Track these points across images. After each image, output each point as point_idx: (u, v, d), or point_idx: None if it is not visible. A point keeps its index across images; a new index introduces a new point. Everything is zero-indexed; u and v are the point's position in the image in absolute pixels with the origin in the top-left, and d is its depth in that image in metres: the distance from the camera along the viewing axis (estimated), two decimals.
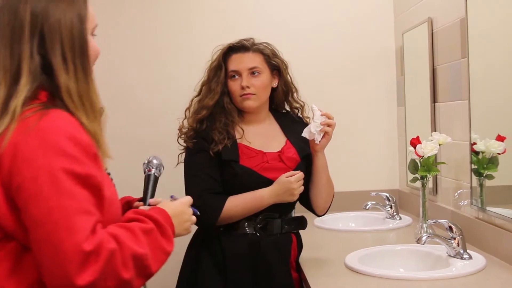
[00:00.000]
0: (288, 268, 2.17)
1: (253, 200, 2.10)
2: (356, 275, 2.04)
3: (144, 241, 1.33)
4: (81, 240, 1.21)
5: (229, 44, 2.25)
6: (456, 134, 2.50)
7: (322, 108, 2.16)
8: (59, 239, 1.20)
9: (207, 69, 2.26)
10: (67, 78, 1.33)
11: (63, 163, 1.24)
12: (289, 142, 2.24)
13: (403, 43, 3.21)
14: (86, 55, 1.38)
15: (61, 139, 1.25)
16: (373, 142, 3.40)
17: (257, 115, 2.26)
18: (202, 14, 3.34)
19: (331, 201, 2.29)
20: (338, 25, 3.38)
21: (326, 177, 2.23)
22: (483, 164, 2.29)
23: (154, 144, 3.04)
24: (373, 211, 3.02)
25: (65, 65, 1.33)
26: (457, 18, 2.47)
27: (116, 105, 3.25)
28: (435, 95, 2.79)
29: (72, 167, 1.25)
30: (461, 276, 1.95)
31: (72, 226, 1.21)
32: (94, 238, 1.23)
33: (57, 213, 1.21)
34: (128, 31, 3.31)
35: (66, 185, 1.23)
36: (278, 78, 2.28)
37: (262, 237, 2.14)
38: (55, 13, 1.34)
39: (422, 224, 2.51)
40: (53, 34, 1.33)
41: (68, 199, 1.23)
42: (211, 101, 2.19)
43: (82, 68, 1.36)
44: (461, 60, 2.44)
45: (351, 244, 2.45)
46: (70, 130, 1.28)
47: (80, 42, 1.36)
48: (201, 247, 2.18)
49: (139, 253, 1.30)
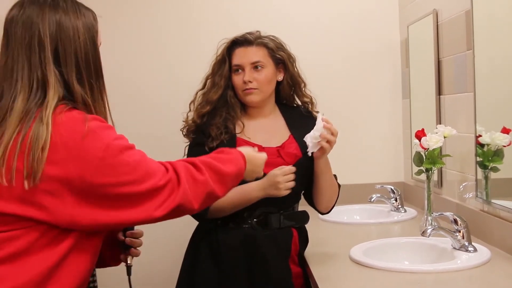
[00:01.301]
0: (286, 263, 2.15)
1: (241, 194, 2.06)
2: (361, 267, 2.04)
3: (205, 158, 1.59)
4: (163, 176, 1.43)
5: (233, 38, 2.24)
6: (461, 127, 2.49)
7: (327, 113, 2.12)
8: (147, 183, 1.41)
9: (212, 63, 2.26)
10: (84, 91, 1.42)
11: (112, 135, 1.41)
12: (292, 137, 2.22)
13: (408, 36, 3.20)
14: (100, 69, 1.47)
15: (97, 123, 1.40)
16: (378, 134, 3.40)
17: (261, 109, 2.25)
18: (207, 9, 3.33)
19: (335, 201, 2.26)
20: (343, 17, 3.37)
21: (327, 180, 2.19)
22: (488, 157, 2.28)
23: (160, 140, 3.06)
24: (378, 203, 3.03)
25: (81, 78, 1.42)
26: (462, 10, 2.46)
27: (122, 102, 3.25)
28: (440, 87, 2.78)
29: (118, 136, 1.42)
30: (466, 269, 1.95)
31: (151, 170, 1.42)
32: (169, 173, 1.45)
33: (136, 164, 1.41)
34: (132, 28, 3.30)
35: (128, 144, 1.43)
36: (283, 71, 2.26)
37: (258, 231, 2.13)
38: (69, 28, 1.41)
39: (427, 217, 2.50)
40: (67, 47, 1.41)
41: (136, 155, 1.43)
42: (215, 96, 2.19)
43: (97, 82, 1.46)
44: (466, 52, 2.43)
45: (355, 237, 2.46)
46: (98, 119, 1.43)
47: (94, 57, 1.46)
48: (201, 239, 2.19)
49: (205, 160, 1.56)
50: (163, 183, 1.42)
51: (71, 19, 1.41)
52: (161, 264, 3.18)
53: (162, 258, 3.17)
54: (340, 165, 3.30)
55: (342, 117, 3.37)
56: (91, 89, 1.43)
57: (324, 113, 2.13)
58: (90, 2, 1.53)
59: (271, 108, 2.28)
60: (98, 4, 1.63)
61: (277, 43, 2.25)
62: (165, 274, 3.01)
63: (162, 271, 3.17)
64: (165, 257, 3.15)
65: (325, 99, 3.25)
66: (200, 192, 1.49)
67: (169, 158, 2.14)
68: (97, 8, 1.53)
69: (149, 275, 3.16)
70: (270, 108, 2.28)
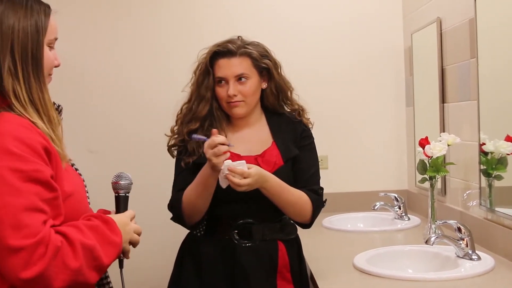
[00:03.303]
0: (270, 278, 2.08)
1: (199, 179, 2.01)
2: (365, 275, 2.04)
3: (91, 234, 1.37)
4: (26, 236, 1.26)
5: (215, 48, 2.12)
6: (465, 135, 2.49)
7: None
8: (4, 236, 1.25)
9: (195, 72, 2.16)
10: (15, 82, 1.38)
11: (8, 162, 1.29)
12: (274, 144, 2.13)
13: (412, 43, 3.20)
14: (39, 63, 1.42)
15: (7, 140, 1.31)
16: (382, 142, 3.40)
17: (246, 119, 2.15)
18: (206, 12, 3.35)
19: (309, 215, 2.09)
20: (347, 25, 3.38)
21: (282, 201, 2.04)
22: (492, 165, 2.28)
23: (159, 142, 3.06)
24: (382, 211, 3.02)
25: (14, 70, 1.38)
26: (466, 18, 2.46)
27: (121, 104, 3.30)
28: (444, 95, 2.78)
29: (18, 164, 1.29)
30: (469, 277, 1.95)
31: (18, 223, 1.26)
32: (41, 234, 1.27)
33: (2, 210, 1.26)
34: (131, 30, 3.32)
35: (13, 182, 1.28)
36: (267, 79, 2.15)
37: (238, 242, 2.08)
38: (10, 20, 1.39)
39: (431, 225, 2.50)
40: (4, 40, 1.38)
41: (15, 196, 1.28)
42: (203, 111, 2.11)
43: (34, 74, 1.41)
44: (470, 60, 2.43)
45: (359, 245, 2.45)
46: (15, 131, 1.33)
47: (33, 51, 1.41)
48: (185, 251, 2.17)
49: (87, 243, 1.35)
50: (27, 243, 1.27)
51: (14, 12, 1.39)
52: (153, 273, 3.17)
53: (153, 267, 3.15)
54: (344, 173, 3.34)
55: (346, 125, 3.39)
56: (27, 79, 1.39)
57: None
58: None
59: (257, 116, 2.18)
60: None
61: (261, 50, 2.13)
62: (157, 283, 2.99)
63: (153, 280, 3.16)
64: (157, 267, 3.14)
65: (329, 107, 3.30)
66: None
67: (168, 159, 2.15)
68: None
69: (142, 282, 3.16)
70: (256, 116, 2.18)
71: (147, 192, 2.99)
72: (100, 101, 3.29)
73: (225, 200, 2.05)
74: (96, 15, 3.25)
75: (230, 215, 2.09)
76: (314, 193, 2.10)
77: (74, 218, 1.41)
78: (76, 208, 1.45)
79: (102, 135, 3.28)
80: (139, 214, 1.64)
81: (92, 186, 1.75)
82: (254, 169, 1.94)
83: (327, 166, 3.29)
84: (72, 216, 1.41)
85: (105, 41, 3.31)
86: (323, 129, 2.31)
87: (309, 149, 2.17)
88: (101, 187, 1.99)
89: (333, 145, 3.31)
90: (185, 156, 2.11)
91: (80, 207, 1.48)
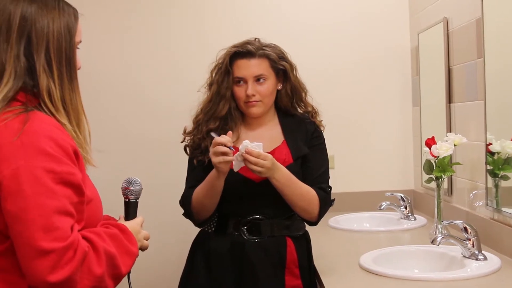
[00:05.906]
0: (279, 273, 2.11)
1: (208, 179, 2.06)
2: (371, 275, 2.04)
3: (111, 243, 1.38)
4: (57, 239, 1.25)
5: (234, 48, 2.17)
6: (472, 135, 2.49)
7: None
8: (34, 237, 1.24)
9: (214, 72, 2.19)
10: (50, 81, 1.38)
11: (43, 163, 1.28)
12: (285, 143, 2.18)
13: (418, 43, 3.20)
14: (72, 64, 1.43)
15: (42, 140, 1.30)
16: (388, 142, 3.40)
17: (260, 119, 2.21)
18: (214, 13, 3.36)
19: (316, 211, 2.12)
20: (354, 25, 3.38)
21: (290, 195, 2.08)
22: (499, 165, 2.28)
23: (168, 142, 3.08)
24: (388, 211, 3.02)
25: (49, 69, 1.38)
26: (473, 18, 2.46)
27: (129, 104, 3.31)
28: (450, 95, 2.78)
29: (52, 165, 1.29)
30: (476, 277, 1.95)
31: (50, 225, 1.25)
32: (71, 238, 1.27)
33: (35, 211, 1.25)
34: (140, 30, 3.34)
35: (47, 183, 1.27)
36: (283, 81, 2.20)
37: (247, 238, 2.12)
38: (44, 19, 1.39)
39: (437, 225, 2.50)
40: (40, 39, 1.38)
41: (48, 198, 1.27)
42: (223, 111, 2.15)
43: (67, 75, 1.41)
44: (477, 60, 2.43)
45: (365, 245, 2.46)
46: (50, 132, 1.33)
47: (67, 51, 1.42)
48: (197, 246, 2.22)
49: (110, 251, 1.36)
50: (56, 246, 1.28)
51: (47, 12, 1.40)
52: (163, 270, 3.20)
53: (165, 264, 3.19)
54: (350, 172, 3.35)
55: (353, 125, 3.39)
56: (60, 78, 1.40)
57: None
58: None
59: (270, 116, 2.24)
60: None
61: (278, 52, 2.19)
62: (168, 281, 3.01)
63: (164, 277, 3.18)
64: (168, 264, 3.17)
65: (335, 106, 3.30)
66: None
67: (172, 159, 2.16)
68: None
69: (152, 281, 3.18)
70: (270, 116, 2.23)
71: (158, 191, 3.04)
72: (108, 101, 3.29)
73: (235, 197, 2.11)
74: (104, 16, 3.26)
75: (239, 212, 2.14)
76: (322, 191, 2.14)
77: (92, 224, 1.41)
78: (94, 214, 1.45)
79: (110, 134, 3.29)
80: (149, 213, 1.64)
81: (100, 185, 1.75)
82: (269, 155, 2.01)
83: (334, 166, 3.28)
84: (90, 222, 1.40)
85: (113, 42, 3.32)
86: (329, 129, 2.32)
87: (319, 149, 2.22)
88: (109, 187, 1.98)
89: (339, 145, 3.31)
90: (199, 154, 2.15)
91: (97, 213, 1.48)
